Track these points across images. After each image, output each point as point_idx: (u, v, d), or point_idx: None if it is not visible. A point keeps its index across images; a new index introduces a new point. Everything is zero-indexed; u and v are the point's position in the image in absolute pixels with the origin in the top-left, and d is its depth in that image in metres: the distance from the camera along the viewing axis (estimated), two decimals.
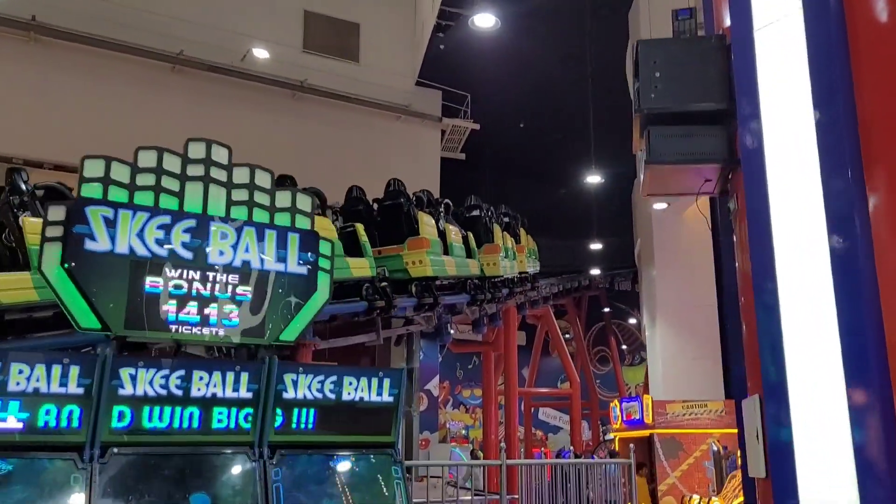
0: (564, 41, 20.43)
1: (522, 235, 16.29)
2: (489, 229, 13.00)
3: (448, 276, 11.12)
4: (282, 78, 20.35)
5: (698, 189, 5.03)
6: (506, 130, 24.75)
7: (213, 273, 4.96)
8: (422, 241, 10.41)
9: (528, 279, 15.97)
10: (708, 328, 16.58)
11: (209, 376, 4.60)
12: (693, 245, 16.96)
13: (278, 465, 4.64)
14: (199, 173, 5.02)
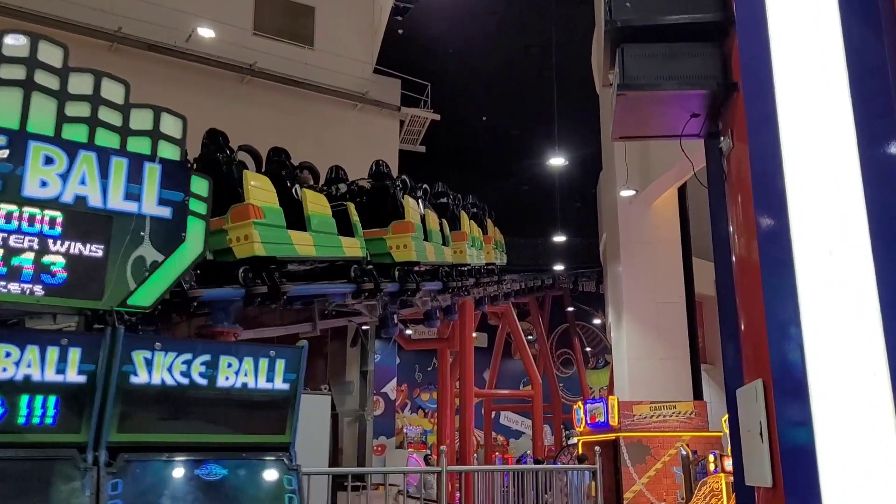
0: (529, 28, 19.56)
1: (490, 226, 15.78)
2: (456, 216, 12.73)
3: (428, 263, 10.72)
4: (230, 60, 19.18)
5: (682, 128, 4.05)
6: (467, 123, 23.83)
7: (30, 210, 3.69)
8: (407, 224, 9.99)
9: (495, 271, 15.47)
10: (676, 326, 15.77)
11: (20, 353, 3.31)
12: (661, 238, 16.16)
13: (119, 474, 3.40)
14: (17, 76, 3.77)
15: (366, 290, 8.93)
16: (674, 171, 14.49)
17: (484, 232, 15.25)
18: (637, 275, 15.95)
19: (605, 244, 18.77)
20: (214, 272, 7.31)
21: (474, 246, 13.54)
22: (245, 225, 7.30)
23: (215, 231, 7.41)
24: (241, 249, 7.27)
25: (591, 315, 31.89)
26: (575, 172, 25.76)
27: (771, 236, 2.91)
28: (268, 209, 7.73)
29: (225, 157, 7.90)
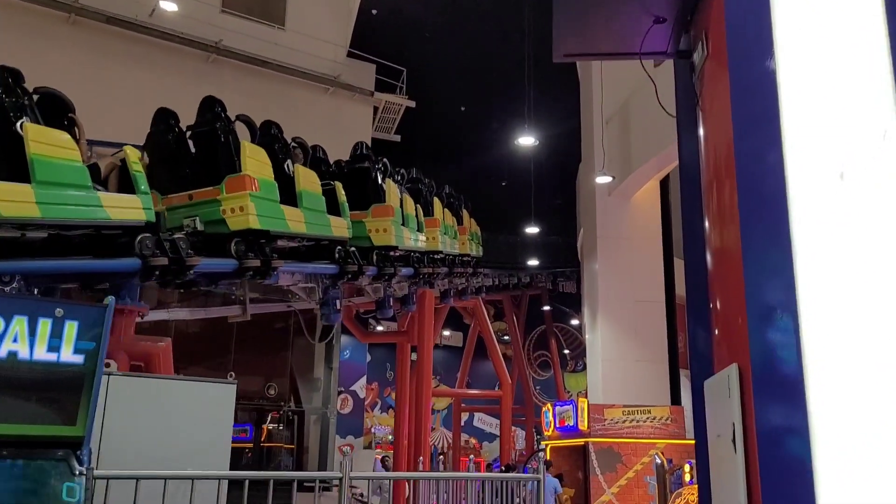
0: (508, 13, 18.70)
1: (465, 218, 15.17)
2: (429, 203, 12.33)
3: (405, 248, 10.27)
4: (195, 38, 18.22)
5: (640, 41, 3.14)
6: (444, 112, 22.95)
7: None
8: (388, 208, 9.67)
9: (469, 262, 14.88)
10: (654, 327, 14.98)
11: None
12: (640, 234, 15.36)
13: None
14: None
15: (349, 272, 8.54)
16: (655, 161, 13.68)
17: (459, 223, 14.68)
18: (614, 271, 15.14)
19: (583, 240, 17.96)
20: (204, 243, 6.90)
21: (447, 234, 13.03)
22: (241, 196, 7.01)
23: (209, 201, 7.21)
24: (236, 221, 6.97)
25: (570, 317, 31.09)
26: (556, 168, 24.97)
27: (755, 159, 2.04)
28: (263, 182, 7.41)
29: (223, 125, 7.51)
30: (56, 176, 5.51)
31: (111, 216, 5.85)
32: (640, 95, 14.58)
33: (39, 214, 5.33)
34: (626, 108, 14.96)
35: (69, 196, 5.56)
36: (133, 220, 6.05)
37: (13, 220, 5.22)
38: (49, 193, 5.40)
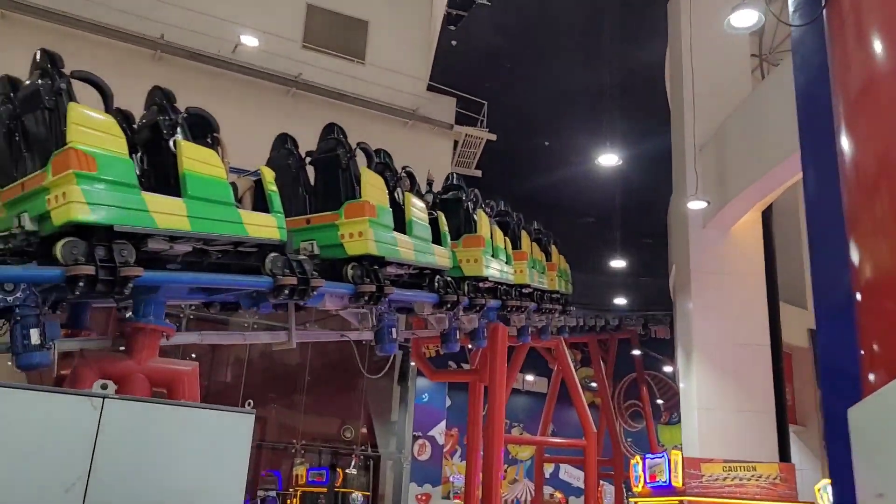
0: (592, 39, 17.85)
1: (554, 254, 14.58)
2: (517, 236, 11.92)
3: (495, 280, 9.91)
4: (276, 72, 18.20)
5: None
6: (526, 145, 22.14)
7: None
8: (479, 238, 9.55)
9: (558, 300, 14.40)
10: (758, 373, 13.50)
11: None
12: (741, 269, 14.00)
13: None
14: None
15: (448, 301, 8.57)
16: (755, 188, 12.44)
17: (547, 258, 14.03)
18: (711, 310, 13.80)
19: (675, 278, 16.64)
20: (319, 267, 6.90)
21: (535, 268, 12.60)
22: (360, 222, 7.09)
23: (327, 226, 7.26)
24: (354, 246, 7.06)
25: (662, 363, 29.34)
26: (644, 204, 23.72)
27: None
28: (381, 209, 7.51)
29: (344, 152, 7.59)
30: (204, 192, 5.67)
31: (250, 233, 5.98)
32: (737, 119, 13.43)
33: (190, 228, 5.47)
34: (722, 133, 13.80)
35: (215, 211, 5.73)
36: (269, 239, 6.19)
37: (167, 232, 5.32)
38: (198, 208, 5.57)
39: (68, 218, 4.79)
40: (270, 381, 21.17)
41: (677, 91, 15.66)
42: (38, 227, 5.06)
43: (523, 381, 27.32)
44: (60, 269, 4.76)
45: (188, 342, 6.46)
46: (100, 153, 5.01)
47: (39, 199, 5.03)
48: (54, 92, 5.20)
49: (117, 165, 5.10)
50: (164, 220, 5.29)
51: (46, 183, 4.96)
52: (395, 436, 22.16)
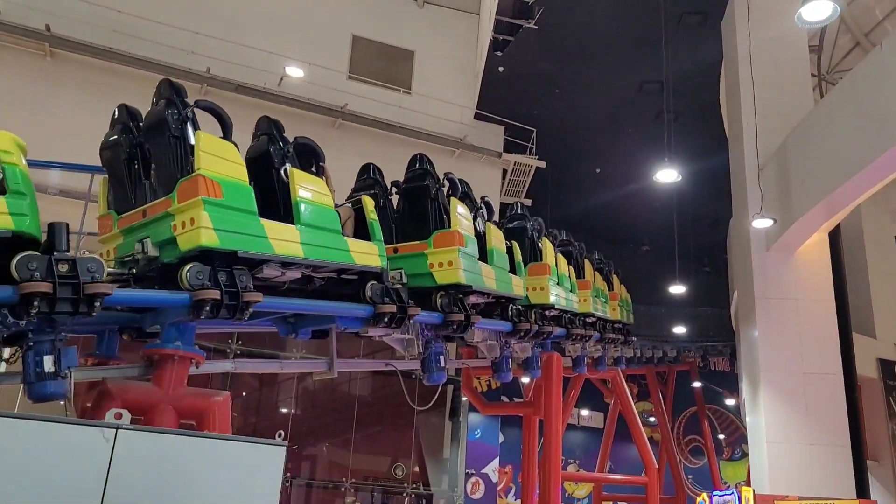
0: (643, 61, 17.36)
1: (616, 283, 14.48)
2: (580, 265, 11.88)
3: (560, 308, 9.93)
4: (322, 103, 18.15)
5: None
6: (577, 172, 21.62)
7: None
8: (545, 267, 9.60)
9: (620, 330, 14.33)
10: (831, 404, 12.61)
11: None
12: (807, 295, 13.20)
13: None
14: None
15: (523, 330, 8.63)
16: (822, 207, 11.72)
17: (609, 288, 13.95)
18: (777, 338, 13.02)
19: (737, 304, 15.86)
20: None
21: (598, 297, 12.57)
22: (450, 251, 7.21)
23: (415, 255, 7.36)
24: (444, 275, 7.19)
25: (723, 397, 28.18)
26: (702, 231, 22.92)
27: None
28: (468, 238, 7.64)
29: (433, 182, 7.65)
30: (315, 219, 5.82)
31: (355, 261, 6.10)
32: (799, 136, 12.78)
33: (303, 255, 5.58)
34: (784, 152, 13.14)
35: (325, 239, 5.87)
36: (372, 266, 6.33)
37: (283, 258, 5.42)
38: (311, 235, 5.71)
39: (197, 243, 4.85)
40: (319, 417, 20.83)
41: (734, 109, 15.05)
42: (158, 253, 5.11)
43: (579, 417, 26.44)
44: (187, 293, 4.84)
45: (220, 370, 6.08)
46: (225, 180, 5.11)
47: (164, 224, 5.09)
48: (181, 120, 5.27)
49: (240, 193, 5.21)
50: (281, 246, 5.40)
51: (172, 209, 5.03)
52: (447, 473, 21.55)
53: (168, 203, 5.07)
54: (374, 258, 6.37)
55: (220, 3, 18.65)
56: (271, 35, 18.55)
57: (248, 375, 20.26)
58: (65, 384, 4.38)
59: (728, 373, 29.20)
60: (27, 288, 4.05)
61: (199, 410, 5.13)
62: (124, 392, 4.92)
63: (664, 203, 22.58)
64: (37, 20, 15.91)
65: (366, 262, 6.25)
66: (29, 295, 4.06)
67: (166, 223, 5.05)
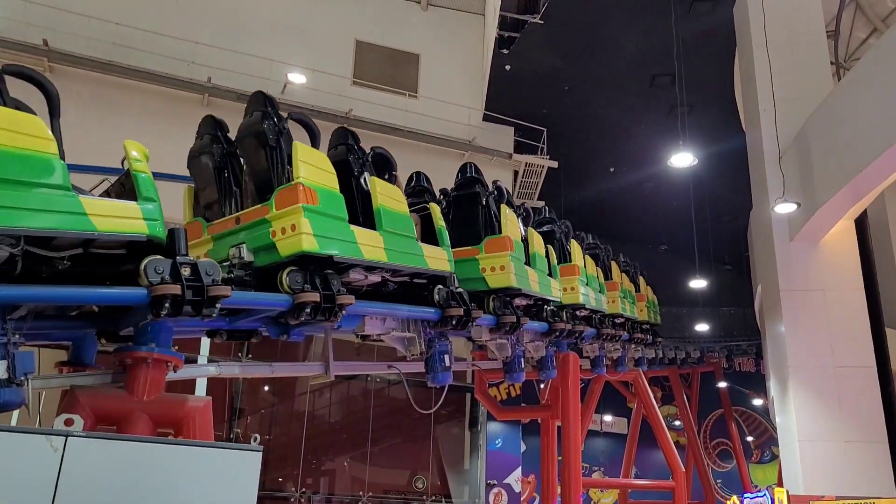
0: (654, 54, 16.86)
1: (642, 285, 14.72)
2: (607, 267, 12.06)
3: (591, 308, 10.20)
4: (326, 109, 17.82)
5: None
6: (589, 170, 21.10)
7: None
8: (574, 267, 9.81)
9: (648, 330, 14.56)
10: (865, 399, 11.99)
11: None
12: (835, 286, 12.60)
13: None
14: None
15: (557, 329, 8.82)
16: (847, 191, 11.14)
17: (636, 290, 14.08)
18: (805, 331, 12.43)
19: (761, 299, 15.26)
20: None
21: (626, 298, 12.70)
22: (502, 256, 7.48)
23: (468, 259, 7.61)
24: (496, 279, 7.43)
25: (750, 398, 27.44)
26: (721, 228, 22.31)
27: None
28: (517, 243, 8.01)
29: (483, 190, 8.05)
30: (394, 226, 6.13)
31: (429, 265, 6.42)
32: (819, 119, 12.23)
33: (386, 259, 5.90)
34: (804, 137, 12.59)
35: (403, 244, 6.19)
36: (442, 271, 6.66)
37: (370, 263, 5.73)
38: (392, 241, 6.02)
39: (299, 248, 5.10)
40: (335, 432, 20.41)
41: (751, 96, 14.53)
42: (253, 258, 5.33)
43: (601, 422, 25.80)
44: (287, 296, 5.11)
45: (202, 375, 5.63)
46: (320, 188, 5.35)
47: (261, 231, 5.30)
48: (277, 132, 5.50)
49: (333, 200, 5.49)
50: (369, 251, 5.69)
51: (270, 216, 5.25)
52: (468, 485, 21.01)
53: (265, 210, 5.28)
54: (444, 263, 6.65)
55: (220, 12, 18.43)
56: (272, 43, 18.29)
57: (261, 390, 19.89)
58: (21, 392, 3.97)
59: (754, 373, 28.43)
60: (160, 290, 4.28)
61: (177, 418, 4.70)
62: (93, 400, 4.50)
63: (681, 201, 22.02)
64: (35, 36, 15.72)
65: (437, 266, 6.53)
66: (160, 297, 4.29)
67: (263, 229, 5.26)
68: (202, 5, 18.39)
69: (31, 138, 4.15)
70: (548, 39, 16.68)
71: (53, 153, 4.20)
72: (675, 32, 14.74)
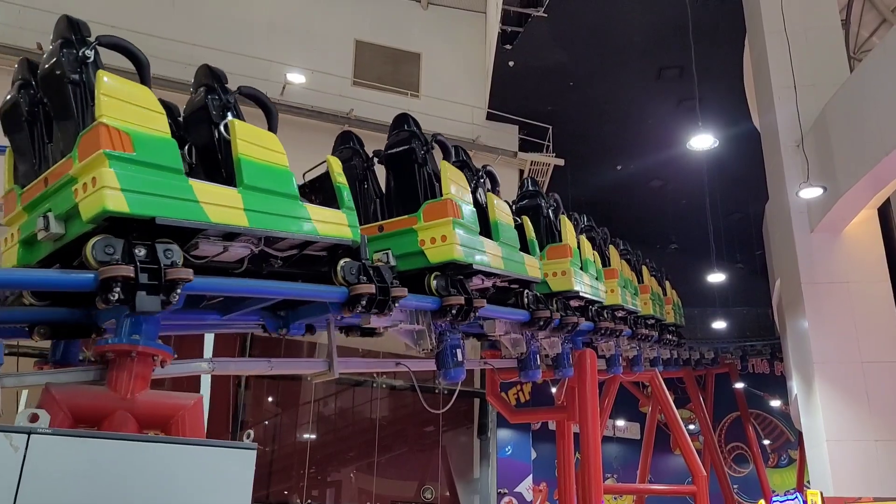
0: (661, 46, 16.42)
1: (668, 288, 14.72)
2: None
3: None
4: (328, 110, 17.43)
5: None
6: (596, 168, 20.65)
7: None
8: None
9: (674, 331, 14.83)
10: (895, 396, 11.47)
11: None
12: (859, 278, 12.10)
13: None
14: None
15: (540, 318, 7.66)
16: (869, 179, 10.68)
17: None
18: (830, 325, 11.92)
19: (780, 294, 14.75)
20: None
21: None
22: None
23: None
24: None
25: (763, 401, 26.87)
26: (733, 226, 21.82)
27: None
28: (575, 250, 8.50)
29: (546, 203, 8.71)
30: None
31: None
32: (838, 105, 11.77)
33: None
34: (822, 124, 12.12)
35: (513, 253, 6.91)
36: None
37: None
38: (504, 250, 6.75)
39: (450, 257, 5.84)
40: (341, 441, 19.89)
41: (763, 84, 14.07)
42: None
43: (614, 428, 25.23)
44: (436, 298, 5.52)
45: (194, 371, 5.13)
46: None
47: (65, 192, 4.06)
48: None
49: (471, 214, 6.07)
50: (486, 257, 5.98)
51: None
52: (478, 494, 20.47)
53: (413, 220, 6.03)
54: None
55: (217, 14, 18.07)
56: (271, 43, 17.93)
57: (265, 401, 19.40)
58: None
59: (768, 375, 27.86)
60: (358, 290, 4.95)
61: (165, 417, 4.20)
62: (70, 398, 4.01)
63: (690, 198, 21.57)
64: (28, 40, 15.34)
65: (533, 273, 6.42)
66: (358, 296, 4.96)
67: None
68: (200, 7, 18.05)
69: (275, 153, 4.63)
70: (551, 33, 16.27)
71: (287, 166, 4.65)
72: (690, 16, 14.28)
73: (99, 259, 3.75)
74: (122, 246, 3.84)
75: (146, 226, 3.89)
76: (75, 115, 4.11)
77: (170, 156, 4.06)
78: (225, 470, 3.20)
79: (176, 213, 3.97)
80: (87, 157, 3.81)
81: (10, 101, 4.57)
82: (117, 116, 3.85)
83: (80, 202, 3.81)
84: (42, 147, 4.51)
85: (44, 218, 3.99)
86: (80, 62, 4.15)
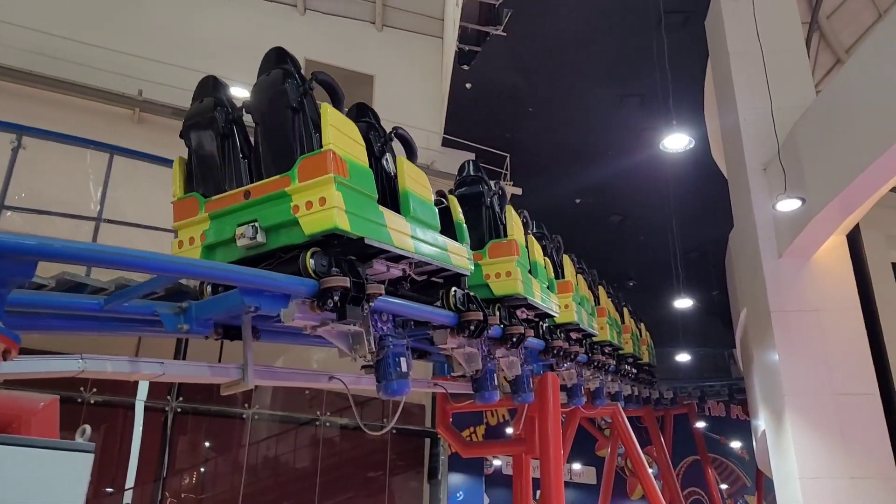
0: (623, 73, 15.97)
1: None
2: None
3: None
4: None
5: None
6: (556, 199, 20.04)
7: None
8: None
9: (646, 369, 14.66)
10: (870, 430, 10.79)
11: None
12: (830, 306, 11.51)
13: None
14: None
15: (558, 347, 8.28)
16: (837, 203, 10.18)
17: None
18: (800, 356, 11.26)
19: (745, 323, 14.12)
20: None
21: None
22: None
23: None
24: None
25: (722, 445, 26.25)
26: (690, 266, 21.33)
27: None
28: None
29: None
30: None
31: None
32: (807, 123, 11.32)
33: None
34: (793, 144, 11.64)
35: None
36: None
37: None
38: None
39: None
40: (276, 488, 18.47)
41: (728, 108, 13.63)
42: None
43: (570, 472, 24.26)
44: None
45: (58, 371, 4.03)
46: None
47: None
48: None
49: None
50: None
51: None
52: None
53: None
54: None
55: (158, 26, 17.17)
56: (217, 58, 17.00)
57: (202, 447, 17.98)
58: None
59: (724, 418, 27.31)
60: (467, 316, 6.00)
61: (6, 420, 3.19)
62: None
63: (648, 234, 21.11)
64: None
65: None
66: (468, 321, 5.99)
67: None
68: (145, 19, 17.18)
69: (426, 189, 5.48)
70: (510, 53, 15.71)
71: (432, 200, 5.62)
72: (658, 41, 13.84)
73: (316, 270, 4.32)
74: (330, 260, 4.45)
75: (351, 244, 4.51)
76: (291, 139, 4.58)
77: (370, 184, 4.76)
78: (54, 476, 2.22)
79: (376, 236, 4.65)
80: (311, 179, 4.40)
81: (200, 114, 5.01)
82: (340, 145, 4.49)
83: (302, 217, 4.36)
84: (234, 161, 4.84)
85: (252, 227, 4.48)
86: (302, 93, 4.66)
